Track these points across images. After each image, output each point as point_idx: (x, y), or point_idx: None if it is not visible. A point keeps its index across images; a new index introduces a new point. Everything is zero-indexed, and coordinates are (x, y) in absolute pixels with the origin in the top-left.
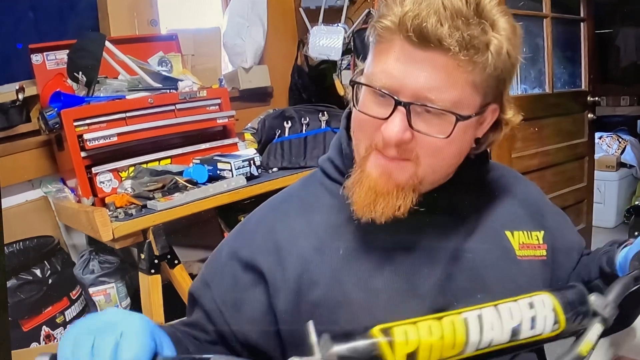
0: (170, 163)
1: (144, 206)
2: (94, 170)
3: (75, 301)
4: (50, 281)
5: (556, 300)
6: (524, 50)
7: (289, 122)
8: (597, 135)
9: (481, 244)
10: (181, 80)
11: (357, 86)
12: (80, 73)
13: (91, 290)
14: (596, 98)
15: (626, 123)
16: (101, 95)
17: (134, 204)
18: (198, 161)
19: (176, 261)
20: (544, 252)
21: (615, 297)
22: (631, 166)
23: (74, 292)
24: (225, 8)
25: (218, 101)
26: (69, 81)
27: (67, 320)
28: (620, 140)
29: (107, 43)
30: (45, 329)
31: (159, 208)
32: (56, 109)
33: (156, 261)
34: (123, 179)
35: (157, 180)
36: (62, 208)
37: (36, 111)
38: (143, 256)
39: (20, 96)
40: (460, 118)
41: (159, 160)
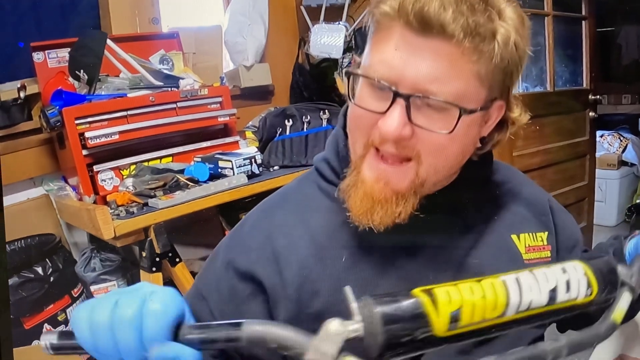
0: (171, 161)
1: (146, 204)
2: (96, 168)
3: (76, 299)
4: (51, 279)
5: (587, 266)
6: None
7: (290, 121)
8: (599, 133)
9: (488, 249)
10: (182, 78)
11: (354, 79)
12: (81, 71)
13: (92, 288)
14: (597, 96)
15: (627, 121)
16: (102, 93)
17: (136, 202)
18: (199, 159)
19: (177, 259)
20: (549, 254)
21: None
22: (632, 164)
23: (76, 290)
24: (226, 6)
25: (219, 99)
26: (71, 79)
27: (69, 317)
28: (621, 138)
29: (109, 41)
30: (47, 327)
31: (160, 206)
32: (58, 107)
33: (157, 259)
34: (124, 177)
35: (159, 178)
36: (64, 206)
37: (38, 109)
38: (144, 254)
39: (21, 94)
40: (464, 112)
41: (161, 158)
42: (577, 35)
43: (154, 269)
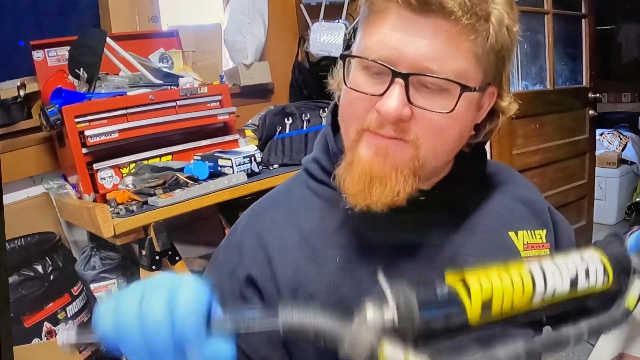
0: (171, 159)
1: (145, 202)
2: (95, 166)
3: (76, 297)
4: (51, 277)
5: (603, 254)
6: (525, 46)
7: (290, 119)
8: (598, 131)
9: (485, 246)
10: (182, 76)
11: (348, 63)
12: (81, 69)
13: (92, 286)
14: (597, 95)
15: (627, 120)
16: (102, 91)
17: (135, 201)
18: (199, 158)
19: (177, 257)
20: (547, 252)
21: None
22: (632, 163)
23: (76, 288)
24: (226, 4)
25: (219, 97)
26: (70, 78)
27: (69, 316)
28: (621, 136)
29: (108, 39)
30: (46, 325)
31: (160, 204)
32: (57, 106)
33: (157, 257)
34: (124, 176)
35: (158, 176)
36: (64, 204)
37: (37, 107)
38: (144, 252)
39: (21, 92)
40: (464, 88)
41: (160, 156)
42: (577, 33)
43: (154, 267)
